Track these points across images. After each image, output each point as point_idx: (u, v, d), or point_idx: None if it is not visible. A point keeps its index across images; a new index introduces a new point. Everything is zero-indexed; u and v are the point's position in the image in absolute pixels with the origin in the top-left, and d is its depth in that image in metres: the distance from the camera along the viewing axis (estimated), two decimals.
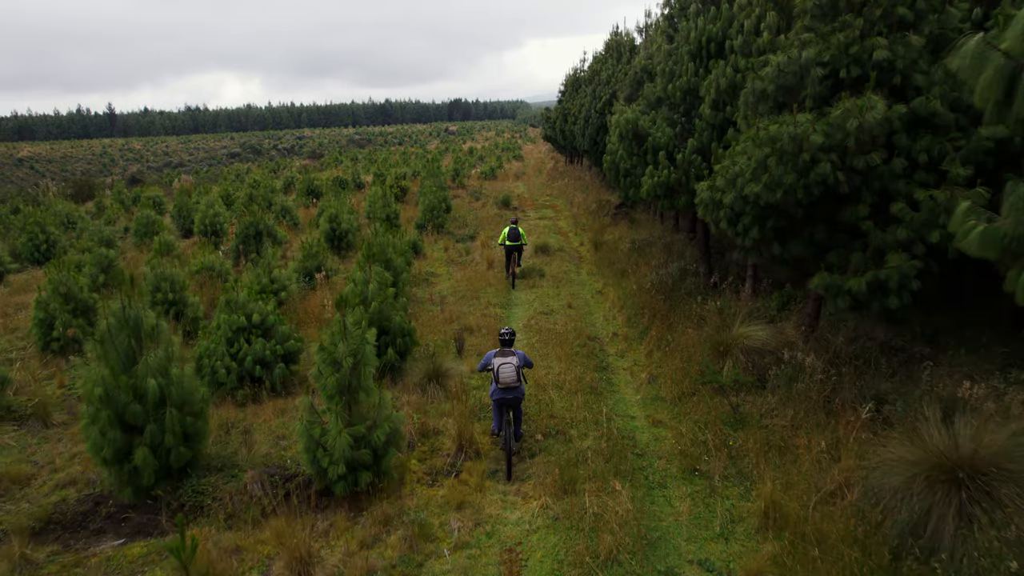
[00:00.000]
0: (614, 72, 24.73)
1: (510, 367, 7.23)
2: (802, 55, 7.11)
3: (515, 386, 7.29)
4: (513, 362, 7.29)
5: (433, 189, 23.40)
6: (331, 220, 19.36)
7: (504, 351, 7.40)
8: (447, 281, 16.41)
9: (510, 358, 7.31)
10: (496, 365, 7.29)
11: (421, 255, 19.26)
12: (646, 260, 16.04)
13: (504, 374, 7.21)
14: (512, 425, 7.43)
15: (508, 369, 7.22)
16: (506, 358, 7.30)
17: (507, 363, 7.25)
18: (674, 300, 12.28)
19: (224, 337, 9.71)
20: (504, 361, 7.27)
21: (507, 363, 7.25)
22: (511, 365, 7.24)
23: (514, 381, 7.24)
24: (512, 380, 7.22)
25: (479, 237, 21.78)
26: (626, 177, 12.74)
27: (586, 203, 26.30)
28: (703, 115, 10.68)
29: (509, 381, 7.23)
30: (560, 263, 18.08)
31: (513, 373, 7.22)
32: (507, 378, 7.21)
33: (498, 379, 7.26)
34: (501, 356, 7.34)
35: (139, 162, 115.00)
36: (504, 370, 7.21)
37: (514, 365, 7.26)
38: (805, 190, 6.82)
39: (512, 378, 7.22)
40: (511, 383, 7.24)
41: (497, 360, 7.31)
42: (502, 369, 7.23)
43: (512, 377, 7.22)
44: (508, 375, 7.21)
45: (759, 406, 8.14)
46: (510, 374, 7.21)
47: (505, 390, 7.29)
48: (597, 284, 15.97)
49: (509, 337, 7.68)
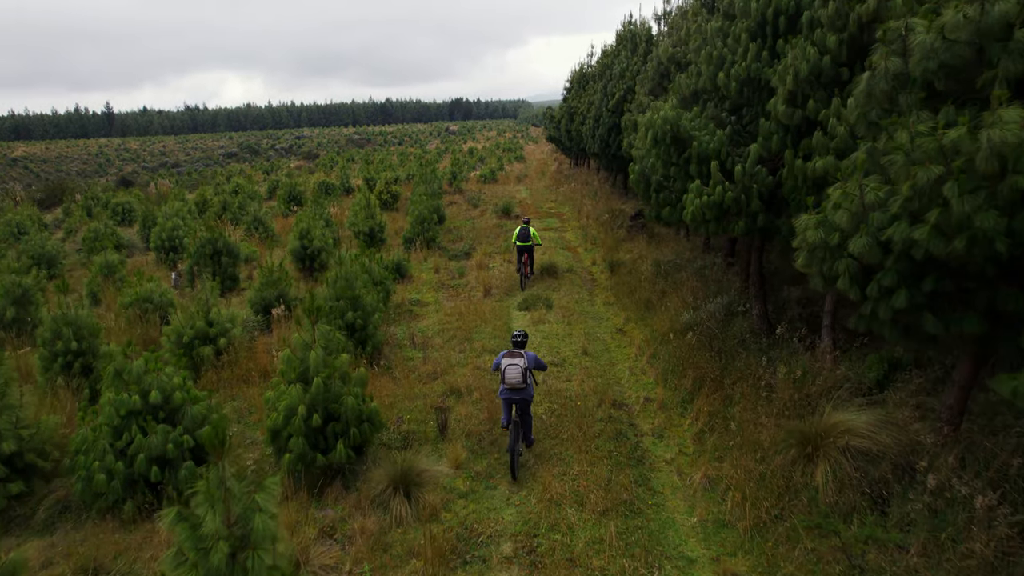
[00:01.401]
0: (628, 65, 21.88)
1: (516, 368, 7.22)
2: (995, 7, 4.28)
3: (521, 387, 7.27)
4: (520, 364, 7.26)
5: (424, 198, 20.58)
6: (301, 236, 16.54)
7: (514, 352, 7.41)
8: (435, 315, 13.57)
9: (518, 359, 7.30)
10: (504, 365, 7.30)
11: (407, 277, 16.46)
12: (675, 289, 13.20)
13: (510, 375, 7.21)
14: (520, 427, 7.46)
15: (514, 370, 7.21)
16: (514, 359, 7.31)
17: (514, 364, 7.25)
18: (724, 353, 9.45)
19: (108, 426, 6.91)
20: (511, 362, 7.28)
21: (514, 364, 7.25)
22: (517, 367, 7.23)
23: (520, 382, 7.22)
24: (518, 381, 7.21)
25: (475, 254, 18.94)
26: (659, 192, 9.91)
27: (596, 212, 23.44)
28: (775, 113, 7.84)
29: (515, 382, 7.22)
30: (570, 289, 15.24)
31: (519, 375, 7.20)
32: (513, 379, 7.21)
33: (504, 379, 7.27)
34: (510, 357, 7.36)
35: (135, 162, 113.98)
36: (510, 371, 7.22)
37: (520, 367, 7.23)
38: (1013, 238, 3.99)
39: (518, 379, 7.21)
40: (517, 384, 7.23)
41: (505, 361, 7.33)
42: (508, 370, 7.24)
43: (518, 378, 7.20)
44: (514, 376, 7.20)
45: (889, 557, 5.31)
46: (516, 375, 7.20)
47: (511, 390, 7.32)
48: (616, 319, 13.13)
49: (521, 339, 7.79)
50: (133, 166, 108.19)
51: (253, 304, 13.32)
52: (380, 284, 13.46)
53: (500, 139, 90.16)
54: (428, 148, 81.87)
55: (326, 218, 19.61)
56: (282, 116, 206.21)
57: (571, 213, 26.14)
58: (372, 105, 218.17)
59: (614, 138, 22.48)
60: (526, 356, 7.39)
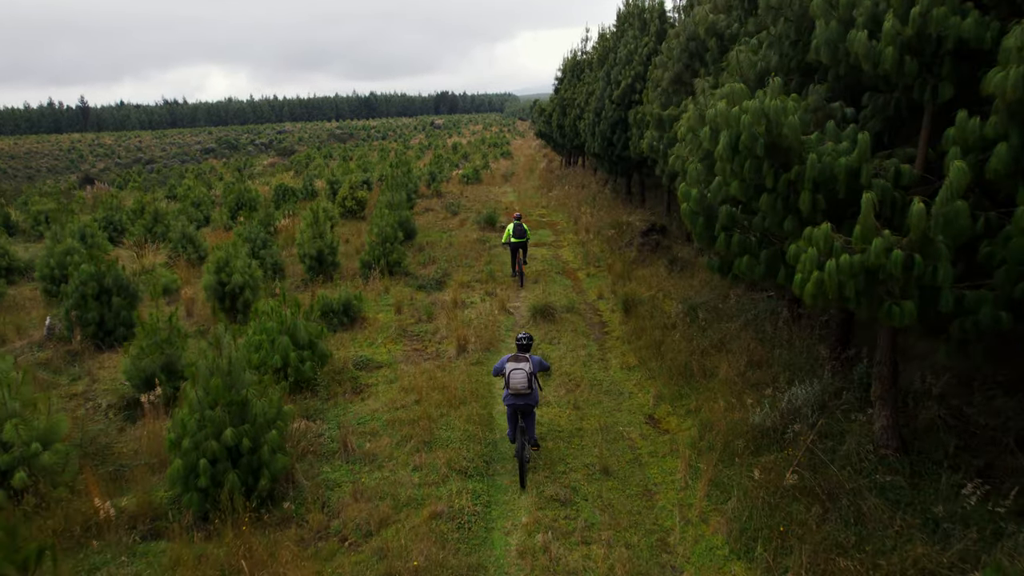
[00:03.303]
0: (637, 47, 17.99)
1: (521, 373, 6.99)
2: None
3: (526, 393, 7.03)
4: (525, 368, 7.04)
5: (388, 210, 16.60)
6: (219, 268, 12.50)
7: (518, 356, 7.17)
8: (386, 390, 9.62)
9: (523, 364, 7.08)
10: (508, 370, 7.07)
11: (359, 321, 12.53)
12: (724, 351, 9.42)
13: (515, 379, 6.99)
14: (525, 433, 7.11)
15: (519, 375, 6.99)
16: (519, 363, 7.08)
17: (519, 368, 7.03)
18: (845, 509, 5.62)
19: None
20: (516, 367, 7.06)
21: (519, 368, 7.03)
22: (523, 371, 7.01)
23: (525, 388, 7.00)
24: (523, 387, 6.99)
25: (450, 283, 15.01)
26: (730, 231, 6.05)
27: (597, 223, 19.56)
28: (1002, 99, 4.00)
29: (520, 387, 6.99)
30: (573, 341, 11.38)
31: (524, 380, 6.98)
32: (518, 384, 6.99)
33: (508, 384, 7.04)
34: (514, 361, 7.12)
35: (109, 158, 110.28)
36: (515, 376, 7.00)
37: (526, 372, 7.01)
38: None
39: (523, 384, 6.99)
40: (522, 389, 7.00)
41: (510, 365, 7.10)
42: (513, 375, 7.01)
43: (523, 384, 6.98)
44: (519, 381, 6.98)
45: None
46: (521, 380, 6.98)
47: (516, 396, 7.05)
48: (643, 395, 9.30)
49: (526, 342, 7.48)
50: (106, 162, 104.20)
51: (129, 376, 9.38)
52: (310, 347, 9.55)
53: (486, 133, 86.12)
54: (411, 143, 77.60)
55: (262, 239, 15.57)
56: (264, 111, 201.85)
57: (566, 223, 22.25)
58: (356, 99, 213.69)
59: (620, 135, 18.61)
60: (531, 360, 7.18)
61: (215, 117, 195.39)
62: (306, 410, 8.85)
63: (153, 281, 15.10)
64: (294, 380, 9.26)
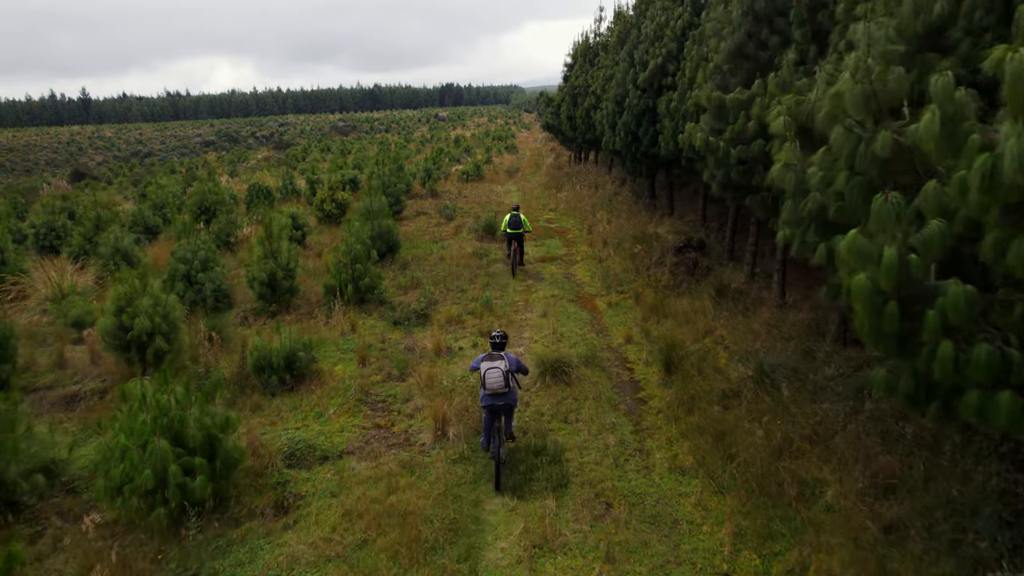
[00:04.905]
0: (669, 20, 14.62)
1: (497, 372, 6.63)
2: None
3: (504, 392, 6.68)
4: (501, 367, 6.67)
5: (357, 225, 13.36)
6: (119, 310, 9.27)
7: (493, 355, 6.84)
8: (320, 516, 6.35)
9: (498, 362, 6.71)
10: (483, 370, 6.72)
11: (308, 379, 9.32)
12: (826, 450, 6.19)
13: (491, 379, 6.63)
14: (501, 434, 6.74)
15: (495, 374, 6.63)
16: (494, 362, 6.72)
17: (494, 367, 6.67)
18: None
19: None
20: (491, 365, 6.69)
21: (494, 367, 6.67)
22: (498, 370, 6.64)
23: (502, 387, 6.64)
24: (500, 386, 6.63)
25: (436, 317, 11.76)
26: (953, 334, 2.84)
27: (617, 234, 16.26)
28: None
29: (497, 387, 6.64)
30: (596, 416, 8.12)
31: (501, 379, 6.62)
32: (494, 384, 6.63)
33: (485, 384, 6.67)
34: (489, 360, 6.77)
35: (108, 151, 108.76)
36: (491, 375, 6.64)
37: (502, 370, 6.64)
38: None
39: (500, 384, 6.62)
40: (499, 389, 6.64)
41: (485, 364, 6.75)
42: (489, 374, 6.65)
43: (500, 383, 6.62)
44: (495, 380, 6.62)
45: None
46: (497, 379, 6.62)
47: (494, 396, 6.70)
48: (711, 530, 6.04)
49: (500, 340, 7.13)
50: (105, 155, 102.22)
51: None
52: (208, 449, 6.33)
53: (491, 126, 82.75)
54: (414, 135, 74.28)
55: (203, 258, 12.34)
56: (267, 103, 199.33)
57: (578, 231, 18.96)
58: (360, 91, 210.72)
59: (647, 129, 15.28)
60: (507, 358, 6.81)
61: (218, 109, 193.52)
62: (184, 561, 5.64)
63: (63, 312, 11.98)
64: (177, 504, 6.06)
